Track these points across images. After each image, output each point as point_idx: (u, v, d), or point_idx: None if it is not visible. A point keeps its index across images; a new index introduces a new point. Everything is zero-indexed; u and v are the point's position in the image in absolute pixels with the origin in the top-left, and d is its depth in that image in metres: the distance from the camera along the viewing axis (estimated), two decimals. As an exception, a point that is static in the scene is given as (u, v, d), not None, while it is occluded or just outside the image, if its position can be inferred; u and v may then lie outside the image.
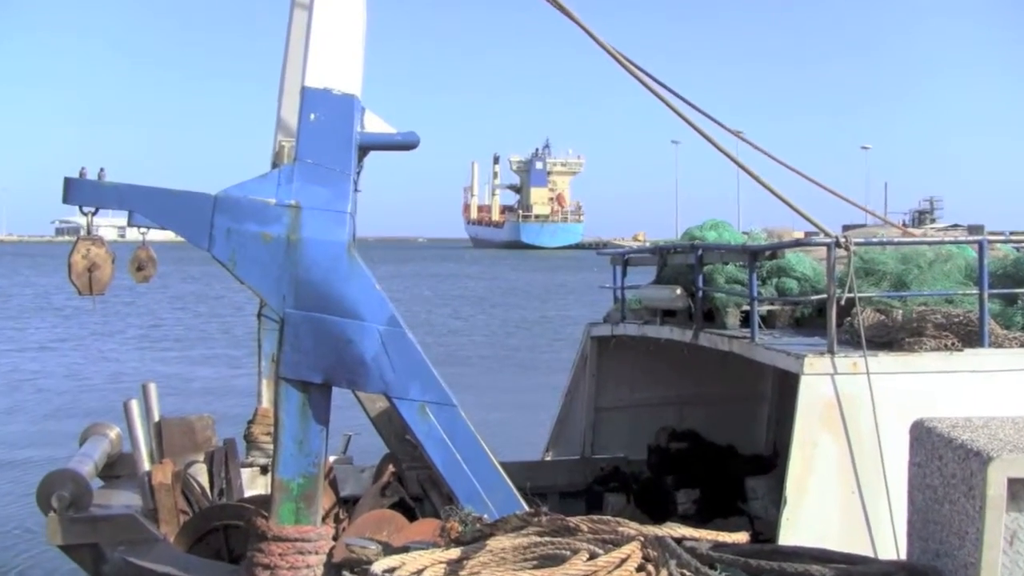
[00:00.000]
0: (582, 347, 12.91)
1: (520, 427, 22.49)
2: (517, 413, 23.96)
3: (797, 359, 7.86)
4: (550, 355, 35.64)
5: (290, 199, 6.47)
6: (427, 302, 60.21)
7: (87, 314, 47.14)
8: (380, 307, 6.47)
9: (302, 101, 6.67)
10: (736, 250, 9.63)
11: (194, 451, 9.70)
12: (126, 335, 42.97)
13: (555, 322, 49.26)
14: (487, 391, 25.77)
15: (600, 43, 7.78)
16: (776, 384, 12.75)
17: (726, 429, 12.71)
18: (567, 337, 41.70)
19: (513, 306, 60.32)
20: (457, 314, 54.92)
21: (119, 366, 32.95)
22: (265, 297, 6.51)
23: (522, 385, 29.29)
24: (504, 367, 33.67)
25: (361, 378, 6.46)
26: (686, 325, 10.32)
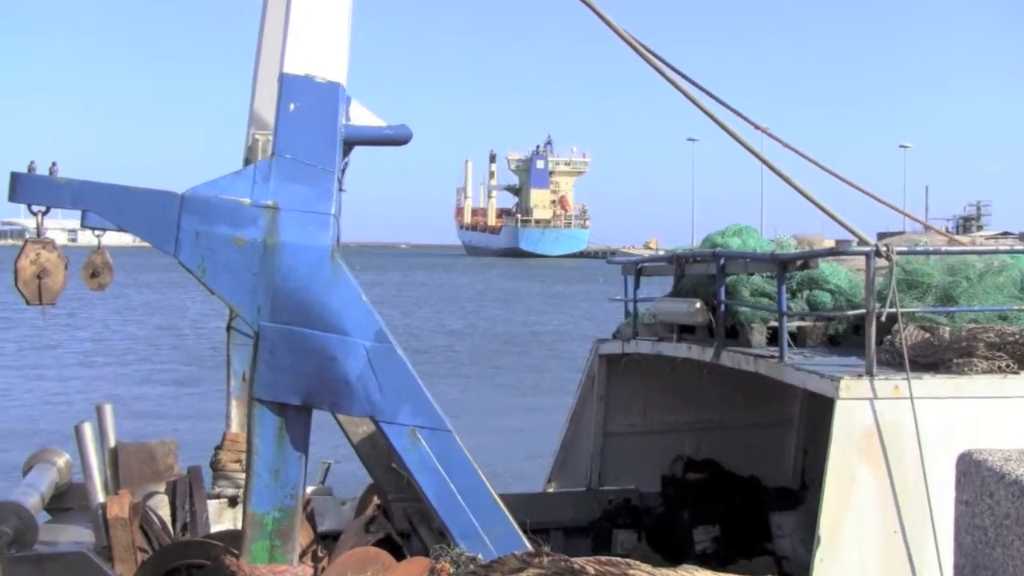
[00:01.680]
0: (589, 366, 12.89)
1: (508, 455, 22.47)
2: (502, 439, 23.93)
3: (831, 381, 7.82)
4: (543, 375, 35.64)
5: (267, 199, 6.44)
6: (407, 315, 60.25)
7: (27, 326, 47.10)
8: (367, 320, 6.44)
9: (280, 89, 6.64)
10: (763, 259, 9.60)
11: (154, 481, 9.65)
12: (67, 350, 42.91)
13: (551, 338, 49.27)
14: (467, 413, 25.66)
15: (612, 26, 7.77)
16: (807, 409, 12.72)
17: (750, 458, 12.68)
18: (565, 354, 41.73)
19: (503, 319, 60.36)
20: (440, 326, 54.98)
21: (61, 385, 32.90)
22: (238, 308, 6.48)
23: (510, 407, 29.27)
24: (487, 387, 33.66)
25: (345, 399, 6.43)
26: (706, 342, 10.30)
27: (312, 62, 6.63)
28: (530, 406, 29.31)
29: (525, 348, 44.92)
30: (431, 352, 41.12)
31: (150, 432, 22.46)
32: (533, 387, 33.35)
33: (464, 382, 34.23)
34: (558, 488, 13.04)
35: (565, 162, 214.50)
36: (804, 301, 10.19)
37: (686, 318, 10.67)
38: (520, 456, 22.91)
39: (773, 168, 8.66)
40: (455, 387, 31.27)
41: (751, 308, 9.94)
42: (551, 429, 25.47)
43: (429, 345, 44.74)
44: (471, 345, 46.30)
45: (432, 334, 50.96)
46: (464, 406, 26.85)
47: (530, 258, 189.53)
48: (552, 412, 28.25)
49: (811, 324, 10.08)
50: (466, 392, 31.53)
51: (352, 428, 10.39)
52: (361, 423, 9.96)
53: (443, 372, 34.71)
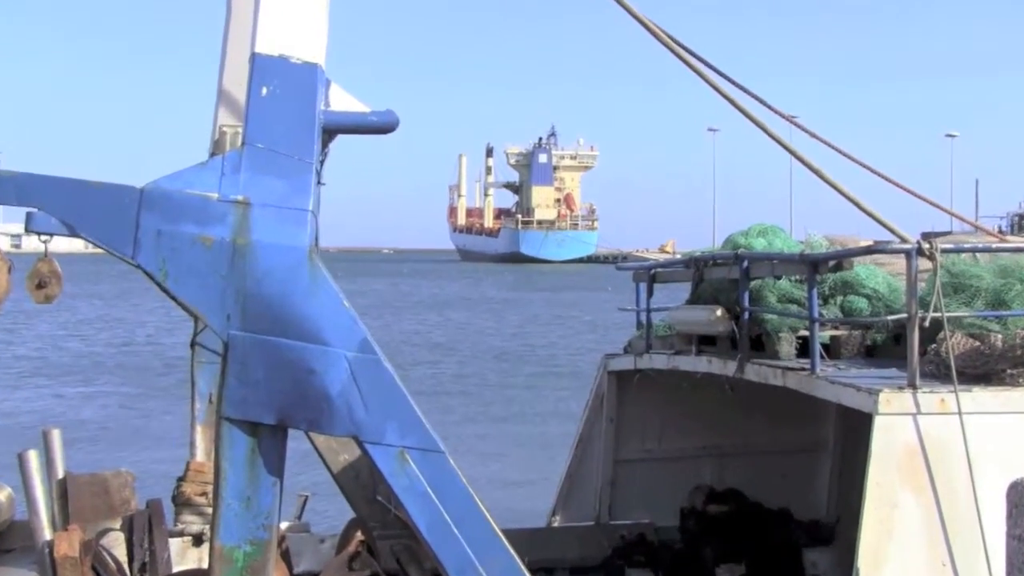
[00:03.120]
0: (597, 384, 12.93)
1: (500, 486, 22.49)
2: (492, 466, 23.95)
3: (869, 395, 7.89)
4: (539, 393, 35.63)
5: (237, 193, 6.49)
6: (387, 327, 60.19)
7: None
8: (350, 329, 6.49)
9: (251, 71, 6.70)
10: (791, 261, 9.67)
11: (109, 516, 9.67)
12: (6, 369, 42.85)
13: (550, 353, 49.25)
14: (452, 437, 25.67)
15: (625, 5, 7.86)
16: (842, 428, 12.77)
17: (779, 487, 12.71)
18: (565, 371, 41.77)
19: (495, 332, 60.33)
20: (424, 339, 54.96)
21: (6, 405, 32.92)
22: (205, 316, 6.53)
23: (501, 430, 29.27)
24: (473, 406, 33.64)
25: (325, 417, 6.47)
26: (728, 355, 10.35)
27: (287, 41, 6.69)
28: (524, 429, 29.35)
29: (519, 364, 44.98)
30: (412, 368, 41.10)
31: (103, 461, 22.48)
32: (527, 408, 33.38)
33: (449, 402, 34.22)
34: (563, 522, 13.06)
35: (571, 156, 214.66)
36: (838, 307, 10.25)
37: (706, 328, 10.73)
38: (514, 486, 22.97)
39: (803, 160, 8.74)
40: (438, 407, 31.25)
41: (778, 316, 10.00)
42: (549, 455, 25.54)
43: (411, 360, 44.78)
44: (458, 361, 46.28)
45: (414, 348, 50.98)
46: (448, 430, 26.84)
47: (532, 263, 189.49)
48: (550, 436, 28.31)
49: (846, 333, 10.13)
50: (450, 414, 31.54)
51: (332, 456, 10.43)
52: (342, 450, 9.99)
53: (425, 390, 34.70)
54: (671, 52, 8.47)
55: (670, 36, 8.53)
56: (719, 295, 10.86)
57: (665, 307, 12.12)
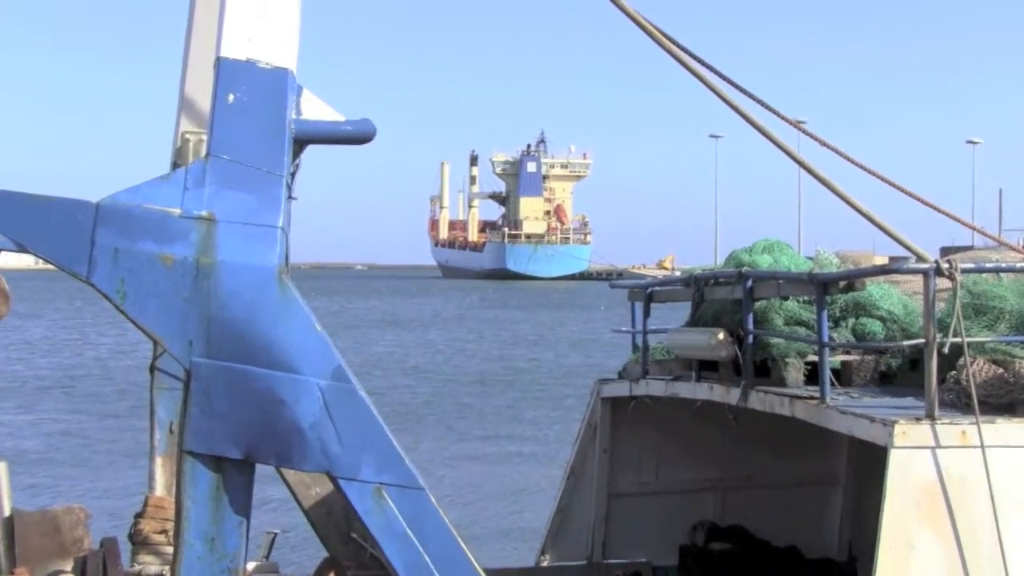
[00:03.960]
0: (589, 412, 12.92)
1: (483, 521, 22.44)
2: (473, 501, 23.89)
3: (884, 427, 7.88)
4: (521, 422, 35.54)
5: (200, 209, 6.49)
6: (359, 349, 60.10)
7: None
8: (322, 355, 6.49)
9: (216, 77, 6.70)
10: (799, 280, 9.68)
11: (60, 556, 9.63)
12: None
13: (535, 377, 49.19)
14: (428, 468, 25.63)
15: (620, 5, 7.87)
16: (855, 462, 12.77)
17: (787, 523, 12.71)
18: (550, 397, 41.72)
19: (477, 354, 60.26)
20: (398, 361, 54.89)
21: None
22: (165, 342, 6.51)
23: (483, 461, 29.18)
24: (449, 435, 33.53)
25: (296, 452, 6.46)
26: (731, 381, 10.35)
27: (255, 44, 6.69)
28: (507, 460, 29.29)
29: (500, 388, 44.86)
30: (383, 393, 41.00)
31: (53, 497, 22.41)
32: (509, 436, 33.30)
33: (423, 429, 34.13)
34: (554, 561, 13.02)
35: (562, 164, 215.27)
36: (849, 331, 10.25)
37: (707, 352, 10.72)
38: (497, 521, 22.93)
39: (811, 171, 8.74)
40: (411, 436, 31.14)
41: (785, 339, 10.00)
42: (533, 488, 25.50)
43: (382, 384, 44.71)
44: (432, 385, 46.20)
45: (386, 371, 50.90)
46: (423, 460, 26.79)
47: (519, 280, 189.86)
48: (533, 466, 28.27)
49: (858, 358, 10.14)
50: (423, 441, 31.44)
51: (303, 490, 10.40)
52: (314, 483, 9.97)
53: (396, 417, 34.62)
54: (668, 53, 8.48)
55: (667, 36, 8.54)
56: (721, 317, 10.86)
57: (663, 329, 12.11)
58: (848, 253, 11.78)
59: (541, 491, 23.76)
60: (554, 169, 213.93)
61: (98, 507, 11.41)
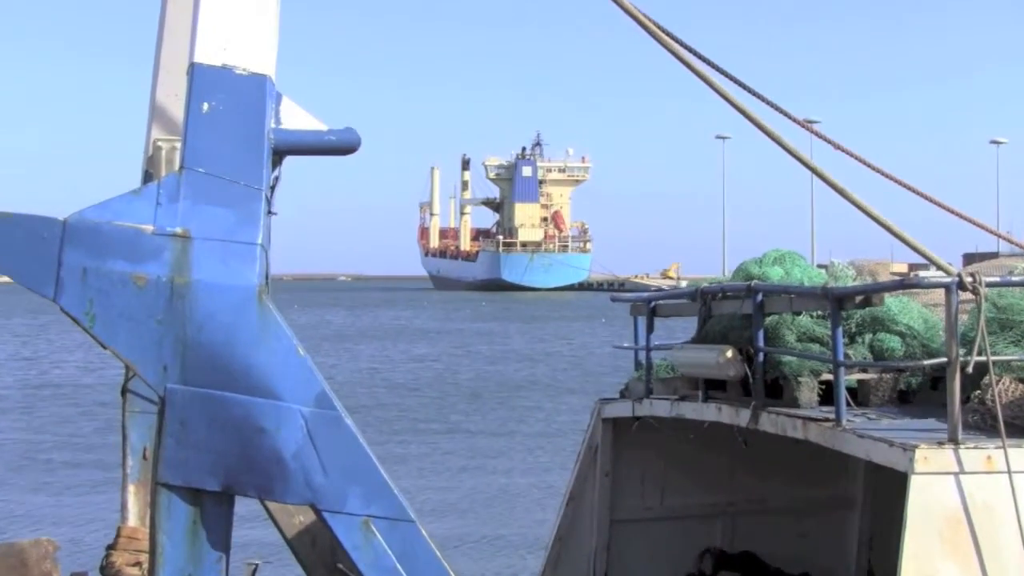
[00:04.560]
0: (590, 433, 12.90)
1: (473, 547, 22.37)
2: (461, 526, 23.83)
3: (904, 451, 7.86)
4: (512, 439, 35.48)
5: (175, 225, 6.47)
6: (341, 366, 60.03)
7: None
8: (305, 380, 6.47)
9: (190, 83, 6.68)
10: (813, 294, 9.67)
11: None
12: None
13: (528, 393, 49.12)
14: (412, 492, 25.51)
15: (618, 2, 7.87)
16: (872, 487, 12.76)
17: (799, 551, 12.70)
18: (544, 415, 41.65)
19: (466, 369, 60.22)
20: (386, 377, 54.84)
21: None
22: (138, 367, 6.50)
23: (469, 482, 29.11)
24: (435, 454, 33.43)
25: (278, 483, 6.44)
26: (741, 402, 10.34)
27: (231, 48, 6.68)
28: (498, 481, 29.23)
29: (491, 407, 44.75)
30: (363, 411, 40.89)
31: (19, 529, 22.33)
32: (498, 456, 33.23)
33: (403, 451, 34.01)
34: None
35: (559, 168, 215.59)
36: (866, 347, 10.24)
37: (714, 371, 10.71)
38: (486, 543, 22.89)
39: (823, 176, 8.72)
40: (393, 457, 30.99)
41: (798, 357, 9.99)
42: (525, 511, 25.45)
43: (367, 401, 44.66)
44: (418, 402, 46.12)
45: (370, 388, 50.84)
46: (408, 484, 26.68)
47: (515, 291, 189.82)
48: (524, 489, 28.20)
49: (876, 377, 10.12)
50: (407, 463, 31.34)
51: (286, 518, 10.36)
52: (297, 511, 9.94)
53: (379, 436, 34.51)
54: (670, 52, 8.48)
55: (669, 33, 8.54)
56: (729, 333, 10.85)
57: (667, 345, 12.10)
58: (864, 263, 11.79)
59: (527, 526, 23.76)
60: (551, 173, 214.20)
61: (66, 537, 11.36)
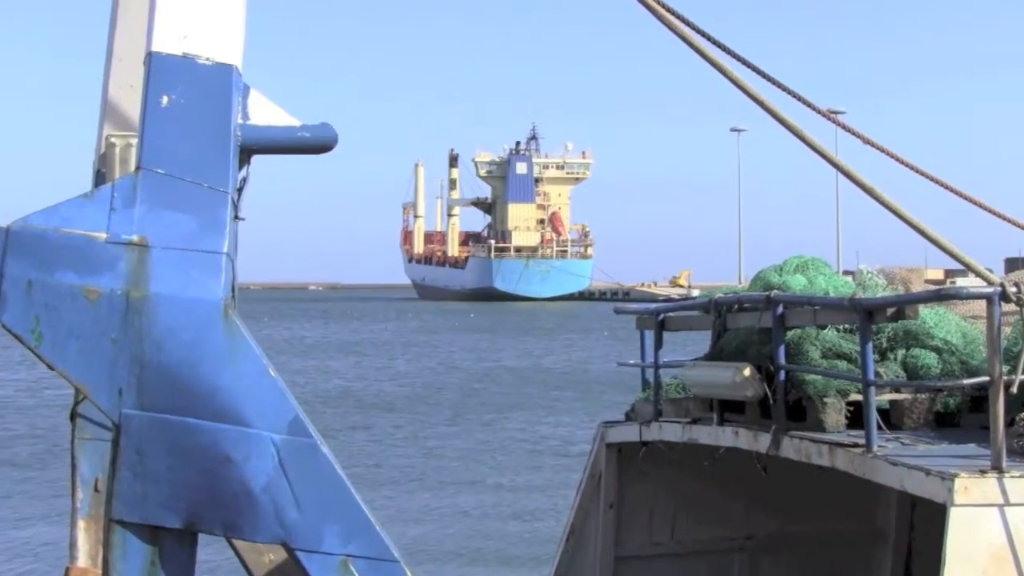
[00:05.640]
0: (592, 460, 12.91)
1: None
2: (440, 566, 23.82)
3: (943, 481, 7.87)
4: (501, 471, 35.43)
5: (130, 232, 6.47)
6: (310, 384, 60.03)
7: None
8: (277, 404, 6.47)
9: (148, 74, 6.69)
10: (839, 305, 9.67)
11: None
12: None
13: (519, 413, 49.05)
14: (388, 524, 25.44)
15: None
16: (906, 519, 12.76)
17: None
18: (539, 437, 41.57)
19: (450, 388, 60.18)
20: (358, 397, 54.82)
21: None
22: (89, 391, 6.50)
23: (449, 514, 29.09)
24: (405, 482, 33.39)
25: (246, 520, 6.45)
26: (760, 425, 10.34)
27: (193, 36, 6.69)
28: (487, 514, 29.19)
29: (473, 429, 44.61)
30: (333, 434, 40.77)
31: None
32: (486, 484, 33.18)
33: (376, 476, 33.95)
34: (552, 637, 13.02)
35: (557, 164, 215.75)
36: (899, 364, 10.25)
37: (730, 391, 10.72)
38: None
39: (849, 174, 8.75)
40: (363, 483, 30.89)
41: (823, 375, 10.00)
42: (520, 547, 25.41)
43: (340, 424, 44.57)
44: (394, 424, 45.99)
45: (342, 408, 50.75)
46: (387, 513, 26.63)
47: (509, 302, 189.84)
48: (517, 523, 28.13)
49: (910, 397, 10.13)
50: (382, 487, 31.27)
51: (255, 558, 10.38)
52: (268, 550, 9.96)
53: (349, 461, 34.39)
54: (679, 37, 8.52)
55: (678, 16, 8.57)
56: (747, 349, 10.86)
57: (678, 362, 12.10)
58: (895, 270, 11.79)
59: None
60: (548, 170, 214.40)
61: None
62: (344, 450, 37.29)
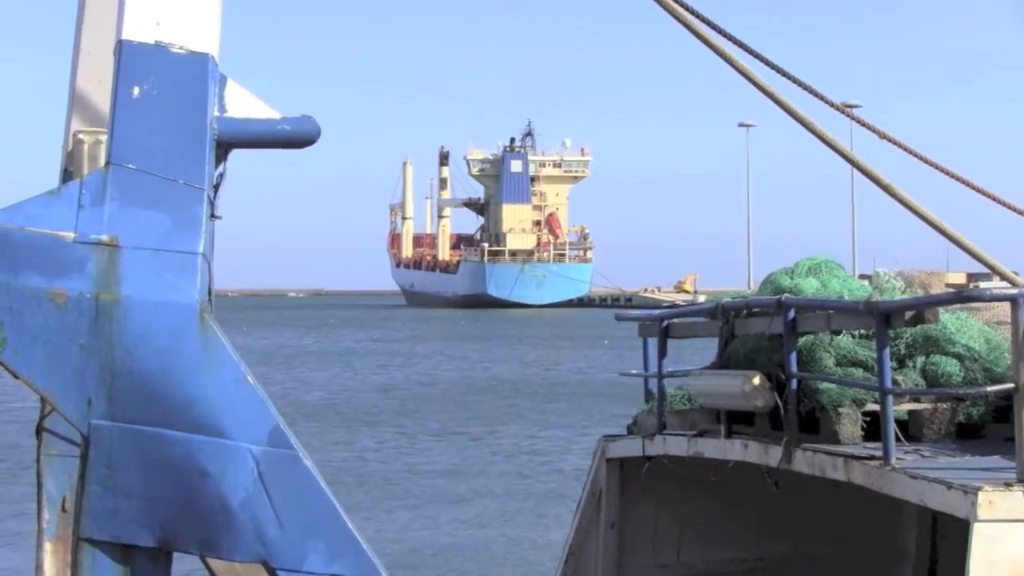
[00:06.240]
0: (592, 476, 12.92)
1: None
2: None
3: (965, 495, 7.89)
4: (491, 496, 35.39)
5: (100, 232, 6.48)
6: (287, 395, 59.95)
7: None
8: (257, 415, 6.48)
9: (118, 65, 6.70)
10: (854, 309, 9.69)
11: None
12: None
13: (511, 426, 48.94)
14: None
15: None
16: (928, 536, 12.77)
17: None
18: (531, 451, 41.52)
19: (436, 400, 60.10)
20: (339, 410, 54.75)
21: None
22: (56, 401, 6.51)
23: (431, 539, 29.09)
24: (384, 502, 33.37)
25: (223, 537, 6.46)
26: (770, 437, 10.36)
27: (166, 23, 6.70)
28: (477, 534, 29.18)
29: (461, 445, 44.51)
30: (311, 451, 40.53)
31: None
32: (475, 504, 33.15)
33: (363, 494, 33.91)
34: (551, 665, 13.03)
35: (554, 162, 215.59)
36: (918, 372, 10.27)
37: (739, 401, 10.73)
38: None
39: (865, 170, 8.77)
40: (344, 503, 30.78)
41: (838, 384, 10.01)
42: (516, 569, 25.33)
43: (318, 443, 44.44)
44: (374, 441, 45.87)
45: (323, 423, 50.68)
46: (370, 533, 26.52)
47: (504, 308, 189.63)
48: (510, 543, 28.07)
49: (930, 407, 10.14)
50: (361, 509, 31.24)
51: (229, 574, 10.39)
52: (246, 570, 9.96)
53: (327, 474, 34.25)
54: (684, 26, 8.53)
55: (683, 3, 8.58)
56: (756, 356, 10.88)
57: (683, 371, 12.12)
58: (914, 274, 11.80)
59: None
60: (545, 169, 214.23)
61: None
62: (323, 466, 37.15)
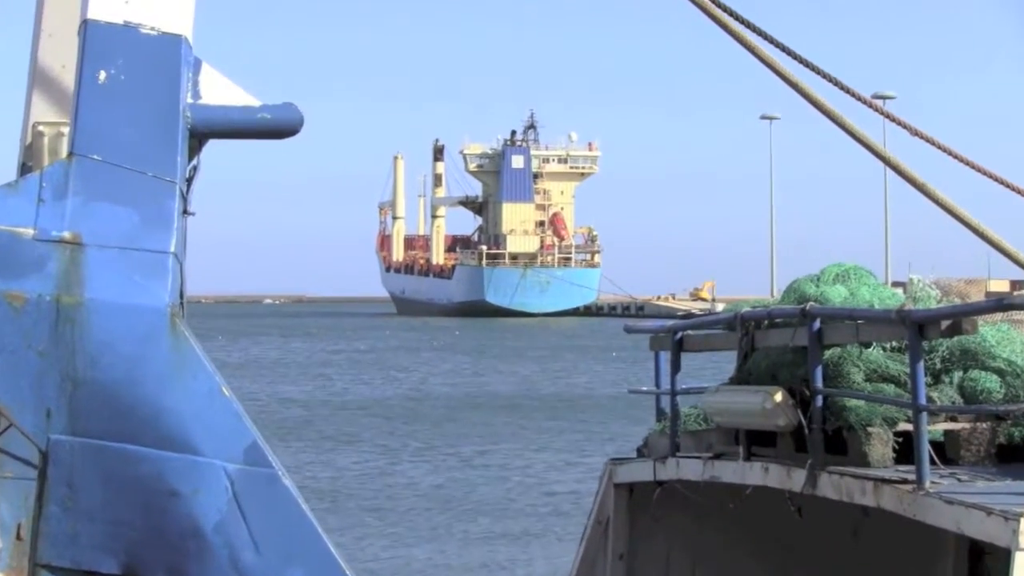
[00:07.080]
0: (599, 502, 12.95)
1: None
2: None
3: (1006, 521, 7.93)
4: (468, 504, 35.33)
5: (62, 229, 6.50)
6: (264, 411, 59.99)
7: None
8: (231, 429, 6.49)
9: (83, 47, 6.71)
10: (885, 319, 9.72)
11: None
12: None
13: (509, 445, 48.88)
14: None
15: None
16: (964, 567, 12.78)
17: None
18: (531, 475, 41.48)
19: (422, 418, 60.08)
20: (318, 429, 54.76)
21: None
22: (11, 412, 6.52)
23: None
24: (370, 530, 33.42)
25: (193, 563, 6.46)
26: (794, 459, 10.38)
27: (136, 2, 6.72)
28: (473, 564, 29.20)
29: (451, 466, 44.50)
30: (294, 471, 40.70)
31: None
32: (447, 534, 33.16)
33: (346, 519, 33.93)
34: None
35: (559, 157, 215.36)
36: (955, 389, 10.29)
37: (760, 419, 10.76)
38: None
39: (898, 168, 8.80)
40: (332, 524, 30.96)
41: (867, 401, 10.03)
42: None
43: (293, 462, 44.47)
44: (354, 461, 45.87)
45: (301, 440, 50.65)
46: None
47: (503, 317, 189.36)
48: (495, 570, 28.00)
49: (968, 426, 10.16)
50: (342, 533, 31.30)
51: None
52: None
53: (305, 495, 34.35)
54: (705, 13, 8.57)
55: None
56: (779, 371, 10.90)
57: (698, 387, 12.13)
58: (951, 282, 11.81)
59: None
60: (549, 164, 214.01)
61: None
62: (301, 488, 37.20)
